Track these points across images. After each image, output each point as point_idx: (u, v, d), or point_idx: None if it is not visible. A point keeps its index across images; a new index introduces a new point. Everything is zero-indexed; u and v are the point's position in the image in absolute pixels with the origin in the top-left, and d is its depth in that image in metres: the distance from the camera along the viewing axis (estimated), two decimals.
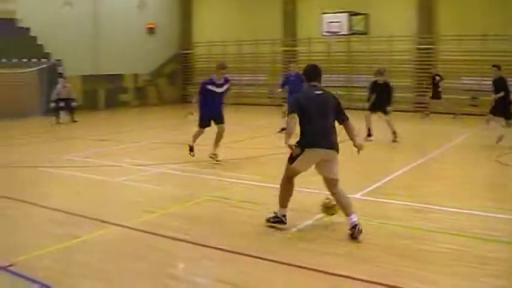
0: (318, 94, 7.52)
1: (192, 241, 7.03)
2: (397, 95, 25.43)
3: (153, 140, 16.49)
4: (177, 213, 8.46)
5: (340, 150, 7.37)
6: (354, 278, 5.80)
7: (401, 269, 6.05)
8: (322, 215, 8.02)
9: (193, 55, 32.84)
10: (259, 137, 17.58)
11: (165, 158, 13.32)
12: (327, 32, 25.68)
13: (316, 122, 7.24)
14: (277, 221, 7.51)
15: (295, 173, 7.49)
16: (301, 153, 7.18)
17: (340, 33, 25.45)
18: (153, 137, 17.30)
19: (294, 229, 7.45)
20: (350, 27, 25.35)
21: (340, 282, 5.76)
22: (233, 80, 29.92)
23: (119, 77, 29.22)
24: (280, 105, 28.18)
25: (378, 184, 10.30)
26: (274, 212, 7.60)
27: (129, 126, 21.64)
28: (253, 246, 6.80)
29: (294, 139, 7.15)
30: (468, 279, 5.85)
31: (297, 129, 7.22)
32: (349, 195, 9.15)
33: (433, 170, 12.26)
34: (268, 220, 7.60)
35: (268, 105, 28.22)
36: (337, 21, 25.24)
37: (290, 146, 7.07)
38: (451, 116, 22.28)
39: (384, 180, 10.64)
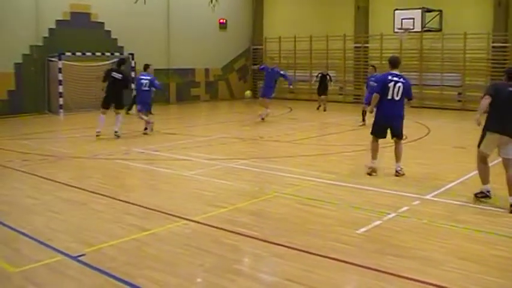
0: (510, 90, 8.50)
1: (260, 237, 7.06)
2: (471, 94, 25.04)
3: (223, 134, 16.62)
4: (245, 209, 8.49)
5: (412, 151, 7.22)
6: (423, 282, 5.69)
7: (472, 275, 5.90)
8: (393, 215, 7.94)
9: (264, 51, 32.90)
10: (331, 134, 17.48)
11: (235, 153, 13.42)
12: (400, 28, 25.26)
13: (502, 110, 8.50)
14: (483, 195, 8.83)
15: (483, 155, 8.90)
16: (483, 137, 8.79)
17: (413, 30, 24.99)
18: (223, 131, 17.44)
19: (363, 229, 7.37)
20: (423, 23, 24.87)
21: (409, 286, 5.66)
22: (303, 76, 30.10)
23: (190, 71, 29.60)
24: (353, 103, 28.11)
25: (449, 185, 10.09)
26: (480, 189, 8.86)
27: (200, 121, 21.90)
28: (321, 245, 6.77)
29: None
30: None
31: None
32: (420, 196, 9.09)
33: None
34: (475, 195, 8.90)
35: (339, 102, 28.04)
36: (411, 17, 24.79)
37: (477, 120, 8.61)
38: None
39: (456, 182, 10.40)
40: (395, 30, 25.51)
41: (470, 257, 6.42)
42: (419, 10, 24.63)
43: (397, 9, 25.22)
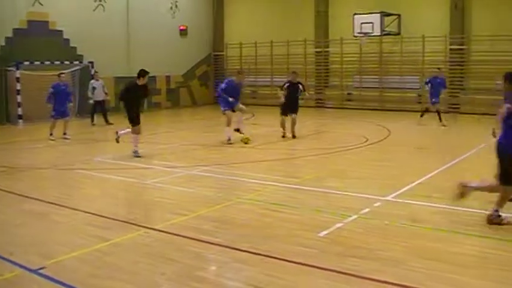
0: None
1: (222, 244, 7.01)
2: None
3: (184, 141, 16.55)
4: (207, 215, 8.44)
5: (373, 153, 7.28)
6: (385, 282, 5.72)
7: (434, 273, 5.96)
8: (354, 217, 7.99)
9: (225, 56, 32.90)
10: (294, 138, 17.52)
11: (197, 159, 13.36)
12: (359, 32, 25.53)
13: None
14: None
15: None
16: None
17: (373, 34, 25.30)
18: (184, 138, 17.37)
19: (325, 232, 7.38)
20: (382, 27, 25.18)
21: (371, 286, 5.68)
22: (264, 81, 30.20)
23: (151, 78, 29.30)
24: (316, 107, 28.26)
25: (410, 186, 10.18)
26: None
27: (162, 128, 21.73)
28: (284, 249, 6.76)
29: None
30: (502, 283, 5.75)
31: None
32: (381, 197, 9.18)
33: (466, 172, 12.00)
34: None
35: (301, 106, 28.11)
36: (370, 22, 25.10)
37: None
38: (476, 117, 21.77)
39: (417, 182, 10.50)
40: (355, 34, 25.78)
41: (431, 255, 6.49)
42: (378, 14, 24.98)
43: (356, 14, 25.50)
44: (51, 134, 17.31)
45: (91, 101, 21.73)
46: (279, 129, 16.78)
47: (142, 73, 14.74)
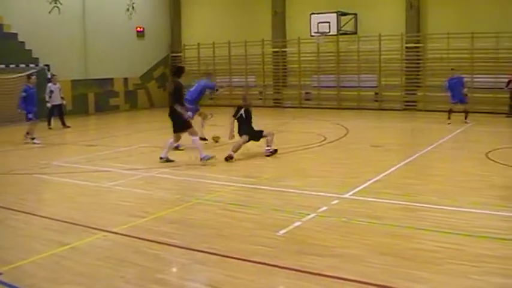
0: None
1: (182, 245, 6.98)
2: (387, 94, 25.77)
3: (143, 144, 16.43)
4: (166, 217, 8.39)
5: (331, 152, 7.33)
6: (345, 279, 5.77)
7: (392, 269, 6.03)
8: (313, 215, 8.04)
9: (182, 58, 32.77)
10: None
11: (155, 162, 13.24)
12: (316, 32, 25.70)
13: None
14: None
15: None
16: None
17: (329, 33, 25.49)
18: (143, 141, 17.23)
19: (283, 231, 7.41)
20: (339, 27, 25.40)
21: (332, 284, 5.71)
22: (223, 82, 30.24)
23: (108, 81, 29.12)
24: (273, 107, 28.36)
25: (368, 183, 10.29)
26: None
27: (120, 131, 21.57)
28: (243, 249, 6.77)
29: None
30: (460, 277, 5.83)
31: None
32: (339, 195, 9.26)
33: (424, 168, 12.26)
34: None
35: (260, 107, 28.19)
36: (326, 21, 25.29)
37: None
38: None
39: (375, 179, 10.63)
40: (312, 34, 25.95)
41: (389, 251, 6.56)
42: (335, 14, 25.21)
43: (313, 13, 25.66)
44: (33, 138, 17.04)
45: (49, 105, 21.38)
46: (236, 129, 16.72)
47: (183, 70, 13.86)
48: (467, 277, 5.82)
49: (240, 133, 13.54)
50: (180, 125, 13.00)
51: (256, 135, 13.54)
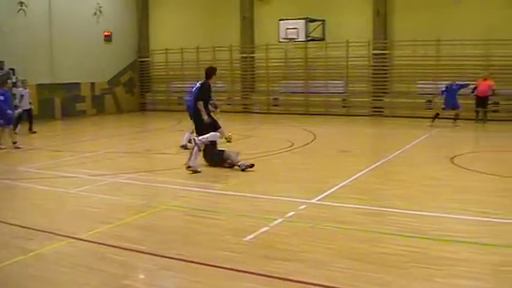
0: None
1: (149, 252, 6.94)
2: (354, 100, 26.01)
3: (110, 149, 16.28)
4: (133, 223, 8.33)
5: (299, 157, 7.37)
6: (312, 284, 5.80)
7: (358, 273, 6.08)
8: (280, 220, 8.07)
9: (150, 63, 32.63)
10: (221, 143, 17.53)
11: (122, 167, 13.17)
12: (284, 38, 25.80)
13: None
14: None
15: None
16: None
17: (298, 39, 25.60)
18: (110, 146, 17.09)
19: (250, 236, 7.42)
20: (307, 33, 25.53)
21: None
22: (191, 87, 30.13)
23: (75, 85, 28.81)
24: (242, 112, 28.38)
25: (334, 188, 10.36)
26: None
27: (86, 136, 21.38)
28: (210, 254, 6.75)
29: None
30: (425, 280, 5.92)
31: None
32: (306, 200, 9.30)
33: (390, 173, 12.38)
34: None
35: (228, 112, 28.19)
36: (295, 27, 25.39)
37: None
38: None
39: (341, 184, 10.70)
40: (280, 40, 26.03)
41: (355, 256, 6.62)
42: (303, 20, 25.28)
43: (281, 20, 25.74)
44: (14, 142, 16.84)
45: (20, 110, 20.93)
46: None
47: (214, 71, 13.19)
48: (432, 280, 5.91)
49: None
50: (198, 129, 12.74)
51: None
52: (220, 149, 12.80)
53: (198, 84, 13.57)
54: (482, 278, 6.00)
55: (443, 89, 21.38)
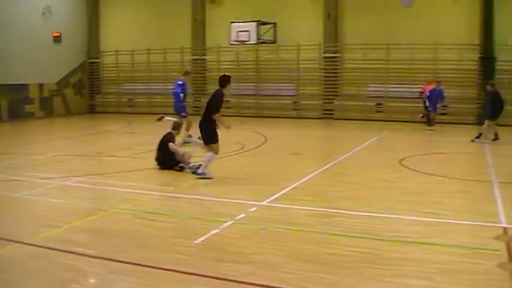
0: None
1: (98, 255, 6.85)
2: (305, 102, 26.21)
3: (59, 152, 16.01)
4: (82, 227, 8.21)
5: (250, 159, 7.39)
6: (262, 285, 5.83)
7: (308, 274, 6.14)
8: (230, 222, 8.07)
9: (100, 64, 32.24)
10: None
11: (72, 170, 12.95)
12: (236, 41, 25.84)
13: None
14: None
15: None
16: None
17: (249, 42, 25.67)
18: (59, 149, 16.81)
19: (201, 239, 7.40)
20: (258, 36, 25.62)
21: None
22: (142, 89, 30.02)
23: (23, 86, 28.21)
24: (193, 114, 28.24)
25: (285, 190, 10.43)
26: None
27: (34, 139, 20.97)
28: (160, 258, 6.71)
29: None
30: (374, 280, 6.02)
31: None
32: (257, 202, 9.33)
33: (340, 175, 12.52)
34: None
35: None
36: (246, 30, 25.45)
37: None
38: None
39: (292, 186, 10.79)
40: (232, 42, 26.06)
41: (305, 257, 6.68)
42: (255, 23, 25.36)
43: (233, 22, 25.77)
44: None
45: None
46: (155, 137, 16.59)
47: (229, 79, 12.40)
48: (381, 280, 6.01)
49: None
50: (206, 137, 12.01)
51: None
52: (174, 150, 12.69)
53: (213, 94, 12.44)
54: (431, 277, 6.11)
55: (427, 94, 21.56)
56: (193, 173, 11.95)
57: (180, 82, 17.14)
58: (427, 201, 9.72)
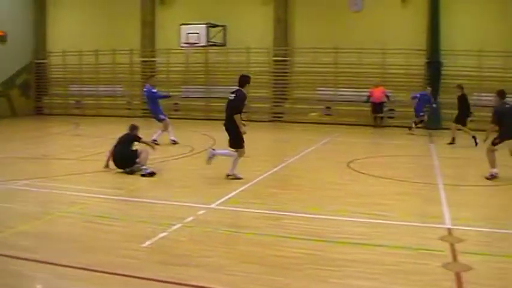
0: None
1: (43, 260, 6.74)
2: (254, 105, 26.26)
3: (4, 154, 15.62)
4: (27, 231, 8.06)
5: (198, 162, 7.38)
6: None
7: (254, 276, 6.19)
8: (178, 225, 8.05)
9: (47, 65, 31.66)
10: None
11: (17, 173, 12.68)
12: (186, 43, 25.74)
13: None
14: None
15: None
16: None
17: (199, 44, 25.60)
18: (3, 151, 16.41)
19: (148, 242, 7.37)
20: (208, 38, 25.58)
21: None
22: (90, 91, 29.61)
23: None
24: (142, 117, 28.03)
25: (233, 193, 10.47)
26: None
27: None
28: (107, 261, 6.65)
29: None
30: (320, 281, 6.11)
31: None
32: (205, 205, 9.34)
33: (288, 178, 12.63)
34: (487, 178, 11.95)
35: (127, 117, 27.82)
36: (196, 32, 25.38)
37: None
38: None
39: (241, 189, 10.83)
40: (181, 44, 25.94)
41: (253, 259, 6.73)
42: (204, 25, 25.29)
43: (183, 24, 25.66)
44: None
45: None
46: (103, 139, 16.48)
47: (248, 79, 12.27)
48: (327, 281, 6.11)
49: None
50: (233, 141, 11.94)
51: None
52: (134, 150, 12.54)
53: (231, 96, 12.39)
54: (377, 278, 6.24)
55: (417, 99, 21.82)
56: (143, 175, 11.89)
57: (154, 90, 17.96)
58: (374, 203, 9.88)
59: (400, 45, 23.92)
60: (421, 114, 21.86)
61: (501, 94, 12.62)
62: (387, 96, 23.43)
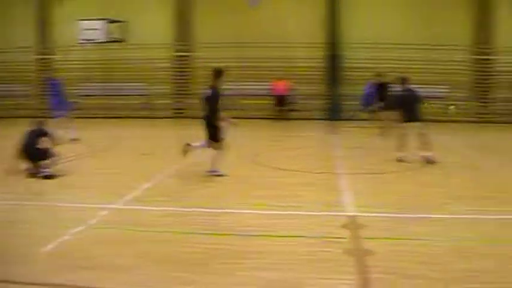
0: None
1: None
2: (156, 101, 25.97)
3: None
4: None
5: (100, 161, 7.17)
6: None
7: (163, 274, 6.13)
8: (82, 228, 7.80)
9: None
10: None
11: None
12: (84, 39, 25.05)
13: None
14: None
15: None
16: None
17: (98, 40, 24.98)
18: None
19: (50, 246, 7.09)
20: (107, 34, 25.01)
21: None
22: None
23: None
24: (39, 117, 27.03)
25: (138, 192, 10.28)
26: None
27: None
28: (7, 269, 6.32)
29: None
30: (227, 275, 6.11)
31: None
32: (109, 206, 9.11)
33: (193, 174, 12.50)
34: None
35: (24, 117, 26.76)
36: (94, 28, 24.75)
37: None
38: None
39: (145, 187, 10.66)
40: (80, 41, 25.23)
41: (160, 257, 6.65)
42: (104, 21, 24.71)
43: (81, 20, 24.95)
44: None
45: None
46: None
47: (220, 73, 12.73)
48: (234, 274, 6.13)
49: None
50: (212, 135, 12.01)
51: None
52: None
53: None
54: (281, 268, 6.32)
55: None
56: (45, 177, 11.41)
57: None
58: (280, 195, 10.00)
59: (300, 38, 24.27)
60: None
61: (403, 80, 13.65)
62: (290, 90, 23.76)
